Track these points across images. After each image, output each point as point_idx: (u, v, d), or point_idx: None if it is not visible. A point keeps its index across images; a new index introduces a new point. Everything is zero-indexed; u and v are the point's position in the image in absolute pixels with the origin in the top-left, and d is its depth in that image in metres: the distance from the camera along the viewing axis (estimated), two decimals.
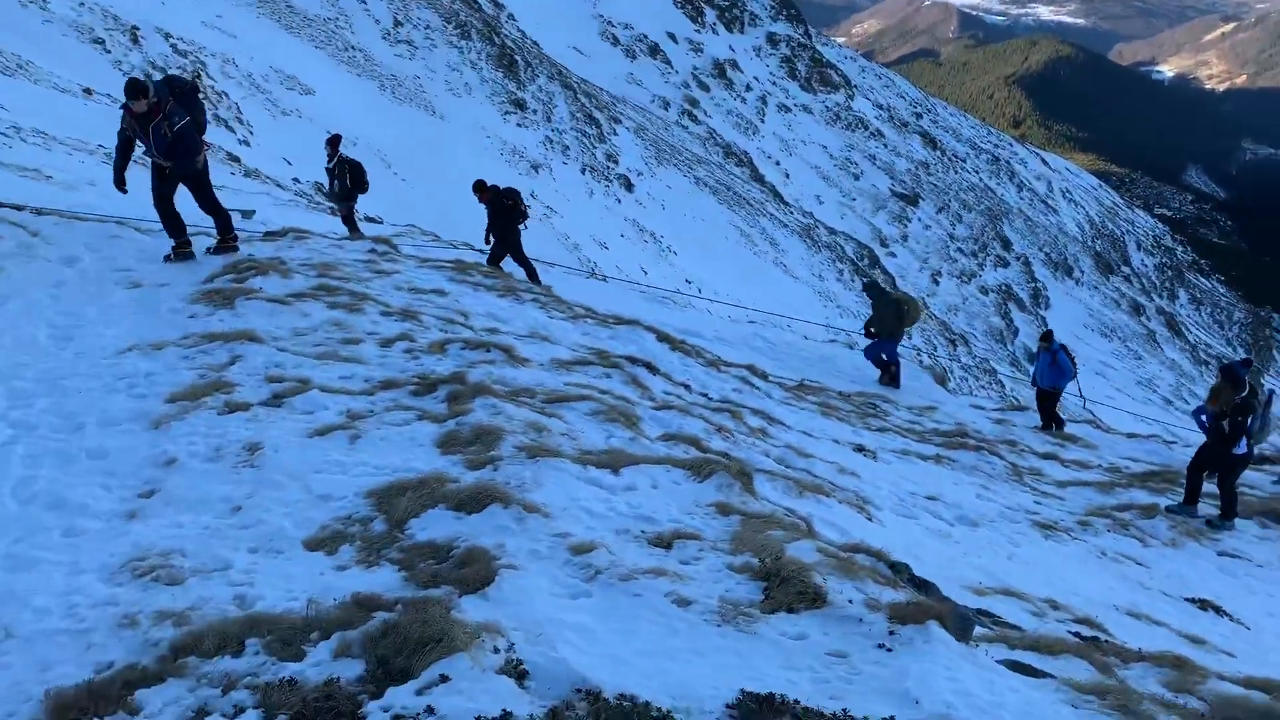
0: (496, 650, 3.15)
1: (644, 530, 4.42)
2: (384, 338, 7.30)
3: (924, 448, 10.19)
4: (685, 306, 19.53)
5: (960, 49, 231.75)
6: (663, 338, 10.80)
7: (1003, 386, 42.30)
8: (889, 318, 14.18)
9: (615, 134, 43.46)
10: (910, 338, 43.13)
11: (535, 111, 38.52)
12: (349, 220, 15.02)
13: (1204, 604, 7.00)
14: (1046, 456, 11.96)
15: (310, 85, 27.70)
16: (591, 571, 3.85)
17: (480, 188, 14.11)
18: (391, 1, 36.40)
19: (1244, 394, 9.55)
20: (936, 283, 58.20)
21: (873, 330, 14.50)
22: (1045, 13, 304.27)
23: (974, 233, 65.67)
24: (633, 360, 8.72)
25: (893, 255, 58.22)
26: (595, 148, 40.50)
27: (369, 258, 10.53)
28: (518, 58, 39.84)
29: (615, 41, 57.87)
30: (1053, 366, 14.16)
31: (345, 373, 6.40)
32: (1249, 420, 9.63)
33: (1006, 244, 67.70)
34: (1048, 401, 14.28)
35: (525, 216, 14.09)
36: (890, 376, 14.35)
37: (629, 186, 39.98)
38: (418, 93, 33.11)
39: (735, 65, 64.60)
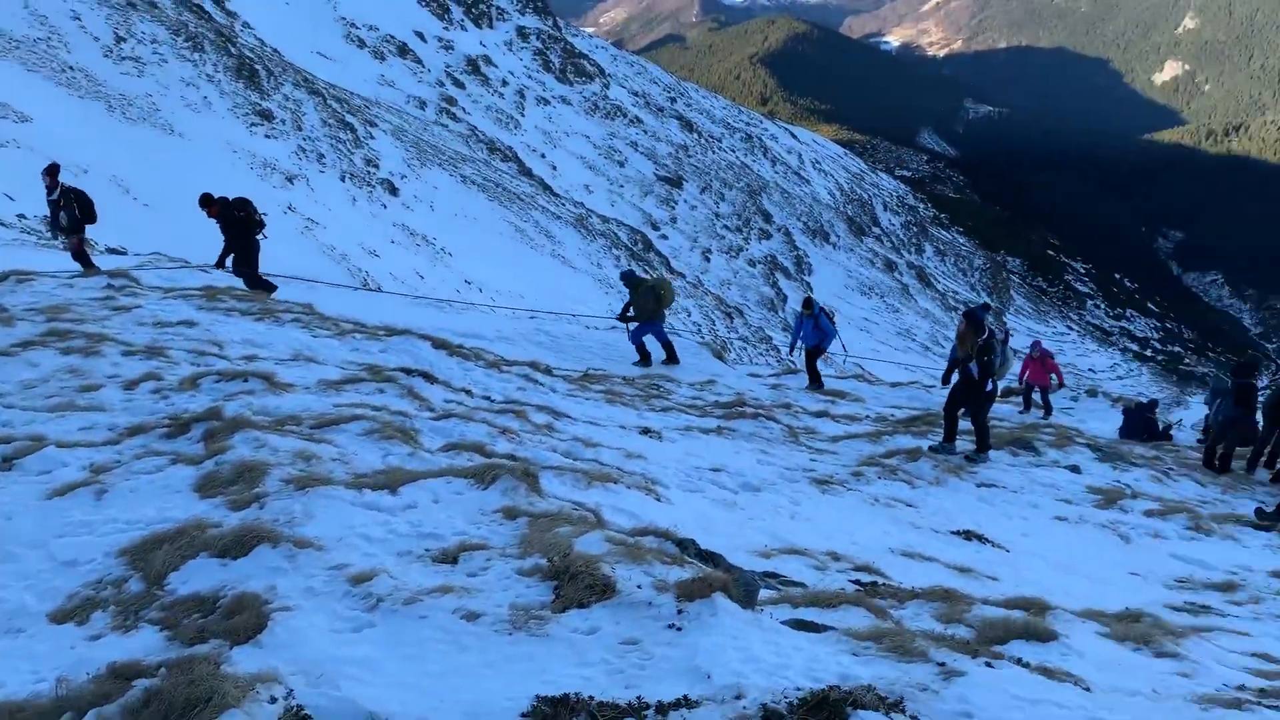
0: (274, 700, 2.96)
1: (428, 548, 4.29)
2: (127, 380, 6.77)
3: (706, 421, 10.49)
4: (465, 309, 19.24)
5: (704, 32, 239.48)
6: (440, 344, 10.60)
7: (778, 352, 44.13)
8: (648, 302, 14.65)
9: (373, 138, 42.22)
10: (690, 315, 44.29)
11: (284, 121, 36.81)
12: (80, 255, 13.86)
13: (968, 534, 7.56)
14: (819, 415, 12.60)
15: (26, 112, 25.31)
16: (373, 600, 3.70)
17: (207, 201, 13.43)
18: (110, 16, 33.74)
19: (985, 336, 10.40)
20: (708, 260, 60.02)
21: (629, 316, 14.98)
22: None
23: (737, 209, 68.12)
24: (408, 371, 8.50)
25: (665, 238, 59.55)
26: (353, 153, 39.19)
27: (105, 294, 9.76)
28: (258, 67, 37.94)
29: (361, 44, 56.14)
30: (816, 330, 15.02)
31: (85, 423, 5.88)
32: (993, 359, 10.50)
33: (768, 217, 70.59)
34: (812, 362, 15.21)
35: (261, 226, 13.53)
36: (645, 358, 14.81)
37: (393, 190, 38.96)
38: (152, 111, 30.90)
39: (489, 61, 64.12)
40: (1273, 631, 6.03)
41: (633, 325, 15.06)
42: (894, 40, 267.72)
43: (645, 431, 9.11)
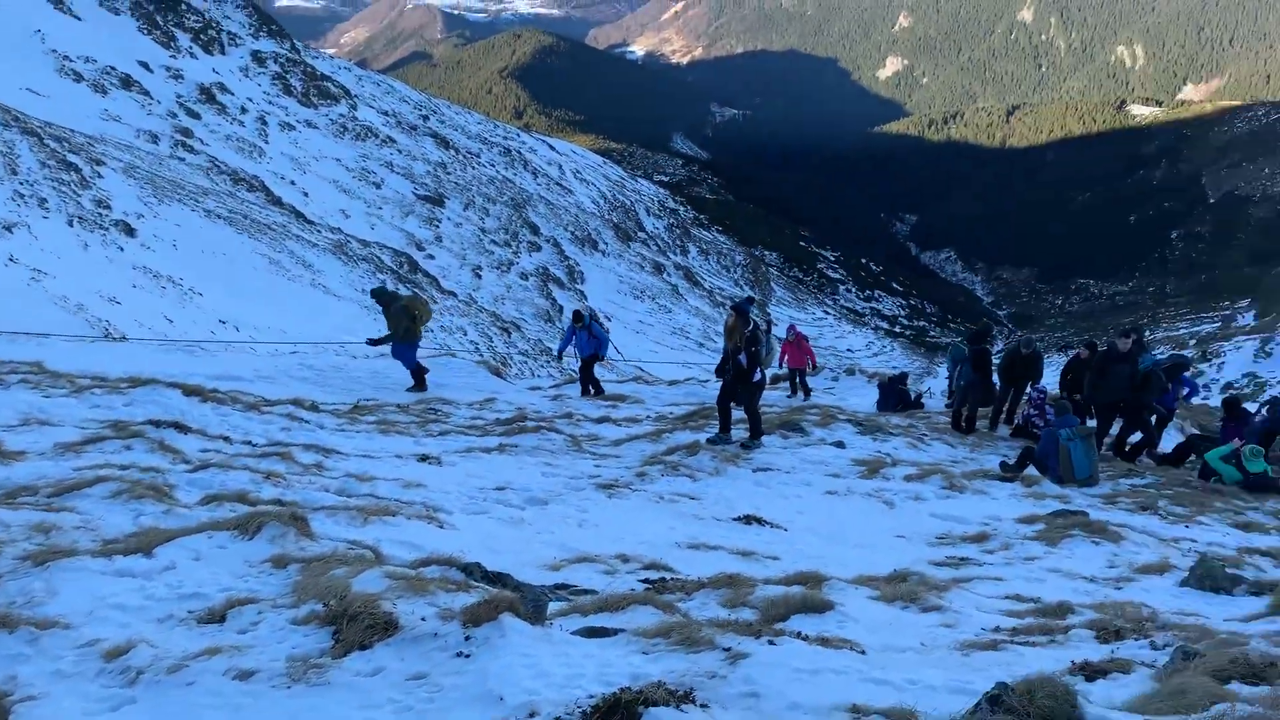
0: None
1: (191, 610, 4.01)
2: None
3: (487, 440, 10.38)
4: (220, 350, 18.16)
5: (451, 49, 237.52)
6: (192, 391, 9.95)
7: (560, 364, 44.37)
8: (402, 320, 14.21)
9: (101, 177, 39.18)
10: (466, 334, 43.76)
11: None
12: None
13: (749, 519, 7.85)
14: (601, 421, 12.74)
15: None
16: (132, 674, 3.41)
17: None
18: None
19: (750, 328, 10.88)
20: (479, 276, 59.50)
21: (382, 338, 14.40)
22: (522, 6, 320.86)
23: (503, 223, 67.91)
24: (157, 424, 7.93)
25: (431, 258, 58.50)
26: (80, 195, 36.22)
27: None
28: None
29: (78, 77, 51.96)
30: (591, 339, 15.22)
31: None
32: (760, 349, 10.99)
33: (535, 229, 70.75)
34: (589, 371, 15.41)
35: None
36: (421, 381, 14.31)
37: (130, 231, 36.28)
38: None
39: (224, 88, 60.91)
40: (1022, 574, 6.60)
41: (389, 347, 14.43)
42: (639, 50, 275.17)
43: (424, 458, 8.90)
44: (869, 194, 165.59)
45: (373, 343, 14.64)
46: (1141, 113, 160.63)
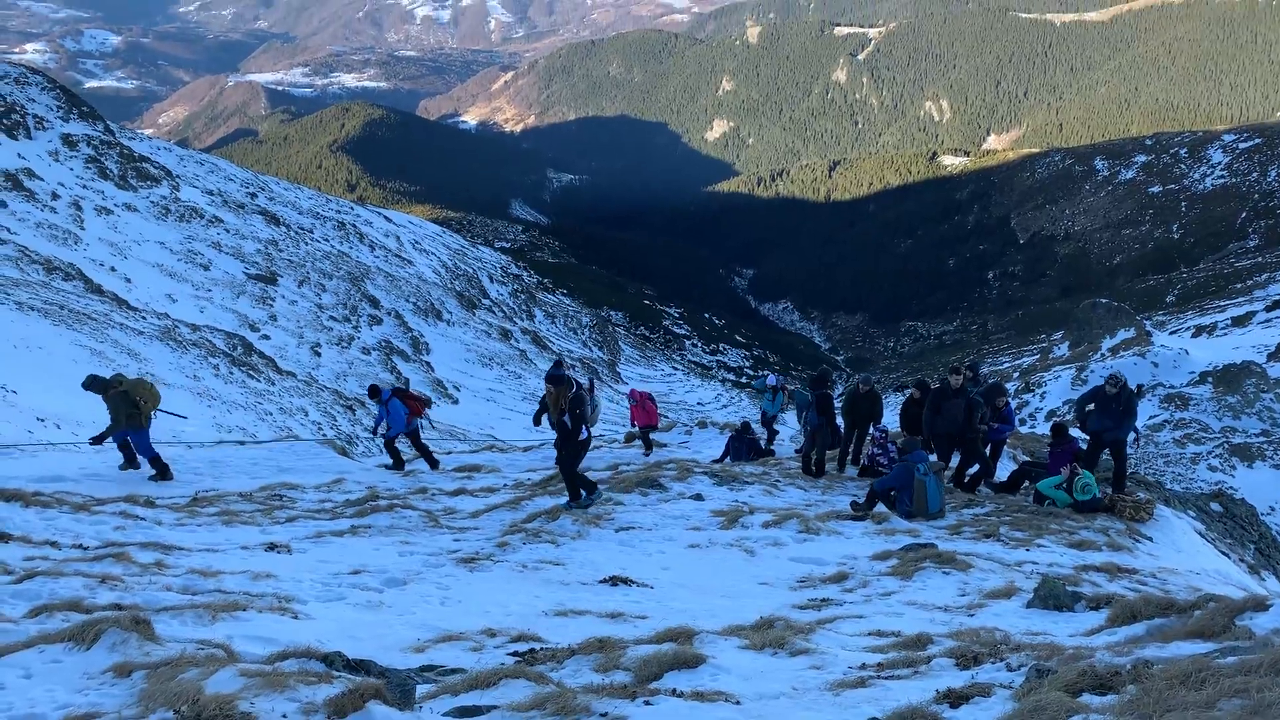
0: None
1: None
2: None
3: (338, 524, 10.02)
4: (40, 451, 16.97)
5: (277, 124, 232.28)
6: (11, 496, 9.25)
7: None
8: (122, 408, 13.28)
9: None
10: (308, 414, 42.34)
11: None
12: None
13: (615, 580, 7.82)
14: (457, 493, 12.50)
15: None
16: None
17: None
18: None
19: (574, 390, 10.92)
20: (318, 354, 57.78)
21: (98, 436, 13.48)
22: (349, 80, 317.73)
23: (341, 298, 66.37)
24: None
25: (266, 338, 56.49)
26: None
27: None
28: None
29: None
30: (387, 413, 15.02)
31: None
32: (584, 409, 11.02)
33: (375, 302, 69.44)
34: (414, 442, 15.18)
35: None
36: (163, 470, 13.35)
37: None
38: None
39: (32, 174, 57.71)
40: (881, 609, 6.81)
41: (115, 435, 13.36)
42: (471, 120, 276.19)
43: (272, 547, 8.52)
44: (707, 251, 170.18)
45: (95, 441, 13.53)
46: (952, 163, 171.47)
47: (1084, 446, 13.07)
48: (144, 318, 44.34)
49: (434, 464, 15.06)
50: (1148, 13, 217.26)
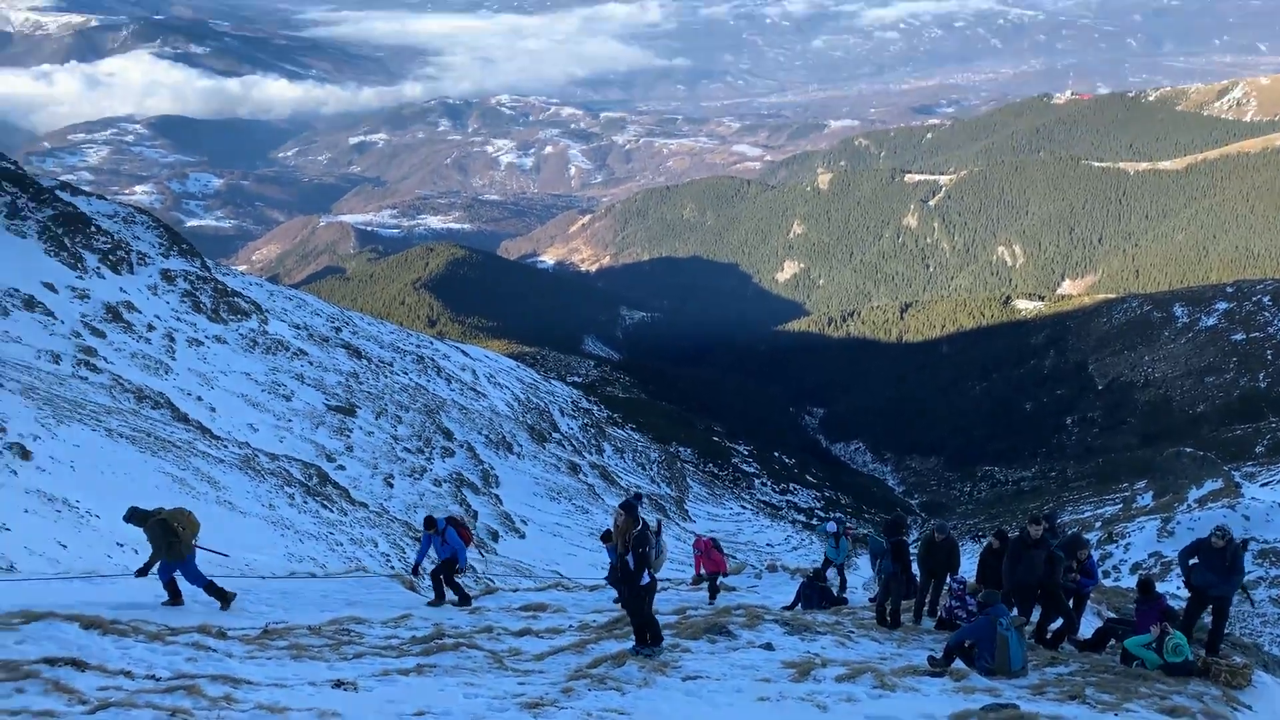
0: None
1: None
2: None
3: (404, 661, 9.98)
4: (119, 577, 17.31)
5: (364, 263, 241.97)
6: (91, 623, 9.41)
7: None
8: (162, 537, 13.35)
9: None
10: (377, 545, 42.60)
11: None
12: None
13: None
14: (522, 633, 12.38)
15: None
16: None
17: None
18: None
19: (639, 528, 10.79)
20: (390, 485, 58.45)
21: (142, 568, 13.51)
22: (435, 222, 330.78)
23: (416, 430, 67.49)
24: (52, 662, 7.46)
25: (342, 468, 57.46)
26: None
27: None
28: None
29: None
30: (444, 545, 15.00)
31: None
32: (648, 550, 10.86)
33: (449, 434, 70.45)
34: (449, 575, 15.11)
35: None
36: (175, 596, 13.28)
37: (25, 454, 34.91)
38: None
39: (131, 306, 60.58)
40: None
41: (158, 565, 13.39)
42: (549, 259, 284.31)
43: (338, 684, 8.50)
44: (777, 389, 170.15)
45: (140, 573, 13.58)
46: (1026, 307, 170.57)
47: (1172, 603, 12.49)
48: (225, 446, 45.54)
49: (466, 600, 14.97)
50: (1223, 162, 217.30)
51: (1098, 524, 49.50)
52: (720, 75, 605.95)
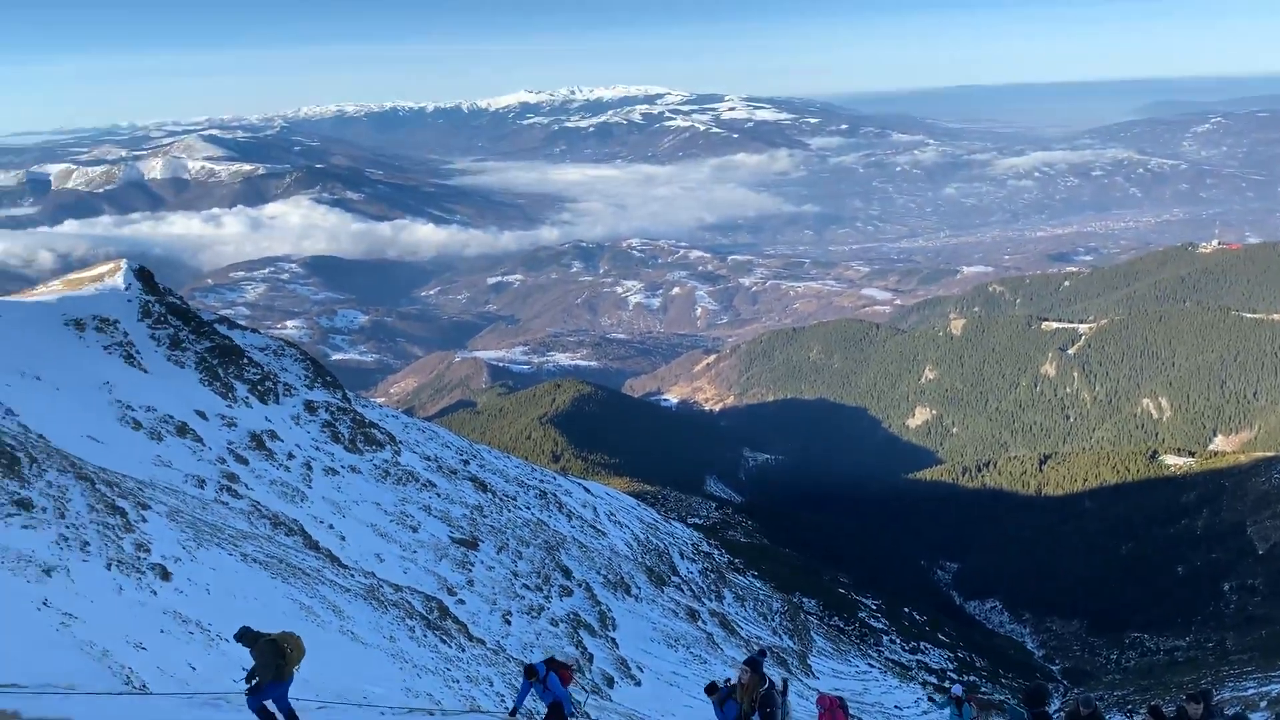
0: None
1: None
2: None
3: None
4: (237, 695, 17.49)
5: (494, 397, 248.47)
6: None
7: (588, 717, 42.23)
8: (270, 659, 13.38)
9: (145, 521, 39.78)
10: (492, 684, 42.07)
11: (44, 510, 34.30)
12: None
13: None
14: None
15: None
16: None
17: None
18: None
19: (766, 686, 10.28)
20: (508, 623, 58.21)
21: (252, 687, 13.57)
22: (563, 359, 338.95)
23: (536, 567, 67.49)
24: None
25: (462, 602, 57.65)
26: (121, 539, 36.63)
27: None
28: (20, 454, 35.80)
29: (137, 425, 54.47)
30: (546, 692, 14.68)
31: None
32: (775, 710, 10.32)
33: (568, 573, 70.17)
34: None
35: None
36: None
37: (165, 575, 36.28)
38: None
39: (274, 435, 63.37)
40: None
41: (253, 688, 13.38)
42: (673, 398, 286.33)
43: None
44: (908, 541, 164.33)
45: (251, 692, 13.64)
46: (1175, 462, 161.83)
47: None
48: (352, 575, 46.37)
49: None
50: None
51: (1263, 703, 45.25)
52: (849, 220, 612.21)
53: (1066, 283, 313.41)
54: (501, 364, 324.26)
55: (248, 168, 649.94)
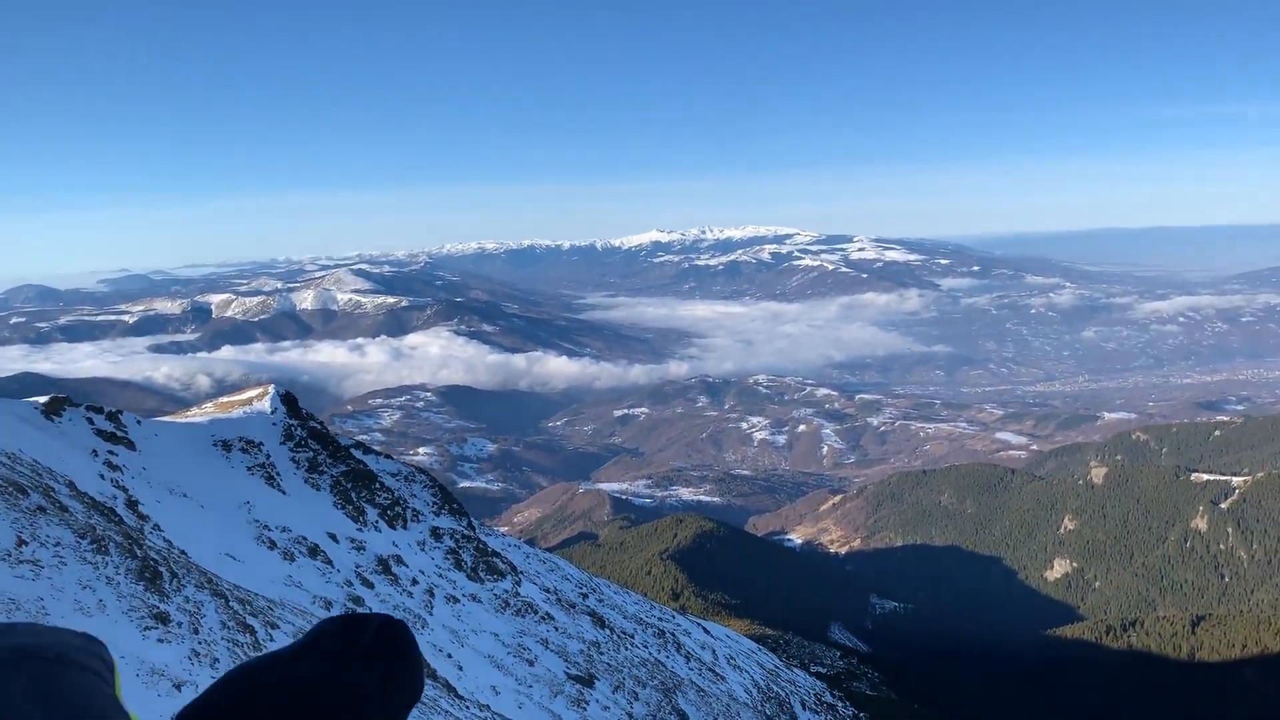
0: None
1: None
2: None
3: None
4: None
5: (616, 530, 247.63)
6: None
7: None
8: None
9: (272, 639, 40.59)
10: None
11: (180, 624, 35.43)
12: None
13: None
14: None
15: None
16: None
17: None
18: (16, 520, 33.57)
19: None
20: None
21: None
22: (686, 493, 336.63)
23: (651, 709, 65.64)
24: None
25: None
26: (250, 656, 37.27)
27: None
28: (162, 569, 37.35)
29: (272, 545, 56.34)
30: None
31: None
32: None
33: (683, 716, 68.01)
34: None
35: None
36: None
37: None
38: (39, 616, 29.57)
39: (400, 560, 64.48)
40: None
41: None
42: (796, 538, 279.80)
43: None
44: (1043, 700, 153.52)
45: None
46: None
47: None
48: (467, 707, 46.01)
49: None
50: None
51: None
52: (982, 362, 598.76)
53: (1217, 432, 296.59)
54: (624, 496, 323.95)
55: (391, 300, 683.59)
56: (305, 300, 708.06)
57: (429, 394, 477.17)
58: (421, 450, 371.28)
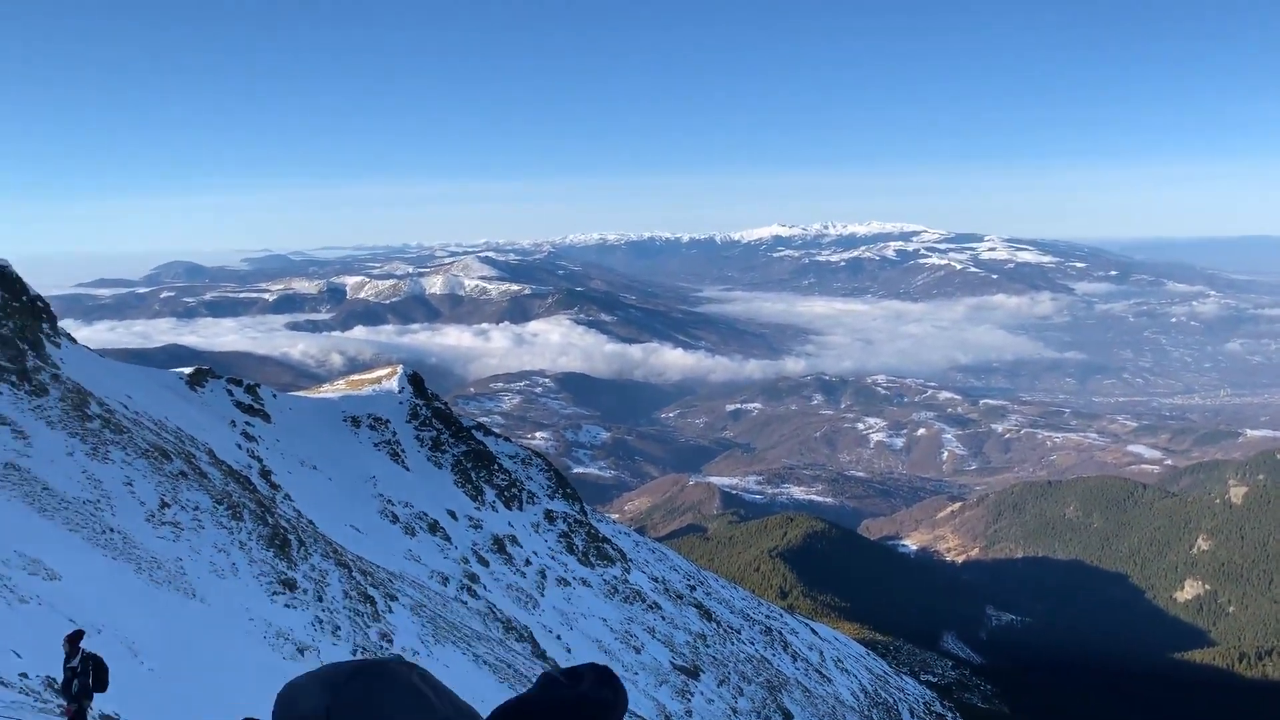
0: None
1: None
2: None
3: None
4: None
5: (725, 525, 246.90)
6: None
7: None
8: None
9: (391, 611, 42.10)
10: None
11: (306, 591, 37.05)
12: None
13: None
14: None
15: (56, 570, 25.75)
16: None
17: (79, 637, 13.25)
18: (160, 484, 35.64)
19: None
20: None
21: None
22: (797, 492, 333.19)
23: (756, 706, 65.45)
24: None
25: None
26: (369, 627, 38.87)
27: None
28: (291, 537, 39.07)
29: (394, 519, 58.30)
30: None
31: None
32: None
33: (788, 715, 67.59)
34: None
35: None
36: None
37: None
38: (178, 575, 31.32)
39: (515, 540, 65.86)
40: None
41: None
42: (911, 544, 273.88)
43: None
44: None
45: None
46: None
47: None
48: None
49: None
50: None
51: None
52: (1116, 371, 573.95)
53: None
54: (734, 491, 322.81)
55: (515, 287, 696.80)
56: (434, 285, 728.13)
57: (547, 380, 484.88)
58: (538, 435, 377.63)
